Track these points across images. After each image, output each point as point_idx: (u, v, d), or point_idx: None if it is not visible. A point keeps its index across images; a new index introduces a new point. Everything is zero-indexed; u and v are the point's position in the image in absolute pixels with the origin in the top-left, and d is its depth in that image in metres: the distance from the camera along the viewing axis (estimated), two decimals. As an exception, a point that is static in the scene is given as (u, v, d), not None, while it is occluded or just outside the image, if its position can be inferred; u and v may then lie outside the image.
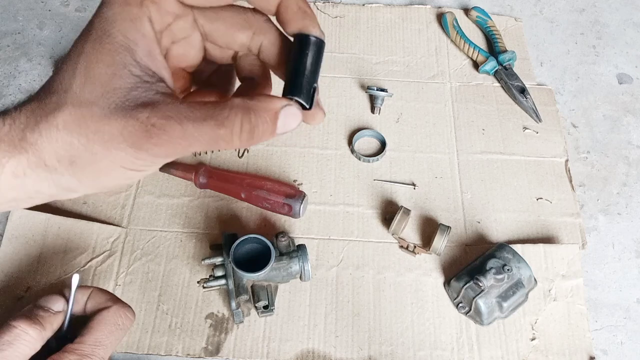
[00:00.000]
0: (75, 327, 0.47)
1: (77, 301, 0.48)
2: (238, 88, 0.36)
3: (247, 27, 0.33)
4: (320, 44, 0.31)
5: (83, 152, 0.28)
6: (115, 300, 0.48)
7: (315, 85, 0.31)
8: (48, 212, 0.66)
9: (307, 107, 0.31)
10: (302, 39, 0.31)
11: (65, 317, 0.47)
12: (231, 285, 0.58)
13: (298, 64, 0.30)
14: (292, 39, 0.32)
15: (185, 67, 0.35)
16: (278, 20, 0.31)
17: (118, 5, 0.28)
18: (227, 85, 0.36)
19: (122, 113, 0.27)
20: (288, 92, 0.30)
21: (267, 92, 0.35)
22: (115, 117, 0.27)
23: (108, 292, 0.49)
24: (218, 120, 0.27)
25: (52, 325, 0.46)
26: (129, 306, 0.49)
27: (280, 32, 0.33)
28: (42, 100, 0.28)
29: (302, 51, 0.30)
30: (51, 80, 0.29)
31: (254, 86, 0.35)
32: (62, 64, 0.29)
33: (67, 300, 0.47)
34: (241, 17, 0.33)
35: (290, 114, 0.29)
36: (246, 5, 0.33)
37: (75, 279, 0.47)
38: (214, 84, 0.37)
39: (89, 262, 0.64)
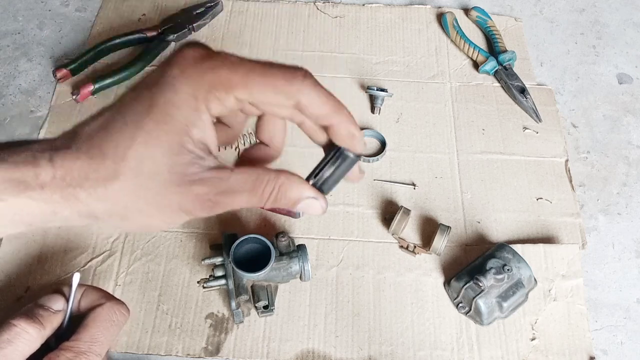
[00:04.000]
0: (74, 326, 0.47)
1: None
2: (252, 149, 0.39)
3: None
4: (356, 160, 0.36)
5: (136, 213, 0.32)
6: (109, 297, 0.49)
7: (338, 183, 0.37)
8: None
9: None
10: (344, 154, 0.35)
11: (65, 316, 0.47)
12: (231, 285, 0.58)
13: (334, 168, 0.36)
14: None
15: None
16: (326, 131, 0.35)
17: (185, 95, 0.31)
18: (273, 139, 0.38)
19: (179, 188, 0.31)
20: (319, 187, 0.36)
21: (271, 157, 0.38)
22: (173, 190, 0.31)
23: (101, 290, 0.50)
24: (257, 192, 0.33)
25: (51, 324, 0.46)
26: (123, 302, 0.49)
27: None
28: (94, 160, 0.31)
29: (342, 162, 0.36)
30: (100, 141, 0.31)
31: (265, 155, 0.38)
32: (112, 125, 0.31)
33: (67, 299, 0.47)
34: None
35: (312, 204, 0.35)
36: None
37: (75, 278, 0.47)
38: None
39: (89, 262, 0.64)
